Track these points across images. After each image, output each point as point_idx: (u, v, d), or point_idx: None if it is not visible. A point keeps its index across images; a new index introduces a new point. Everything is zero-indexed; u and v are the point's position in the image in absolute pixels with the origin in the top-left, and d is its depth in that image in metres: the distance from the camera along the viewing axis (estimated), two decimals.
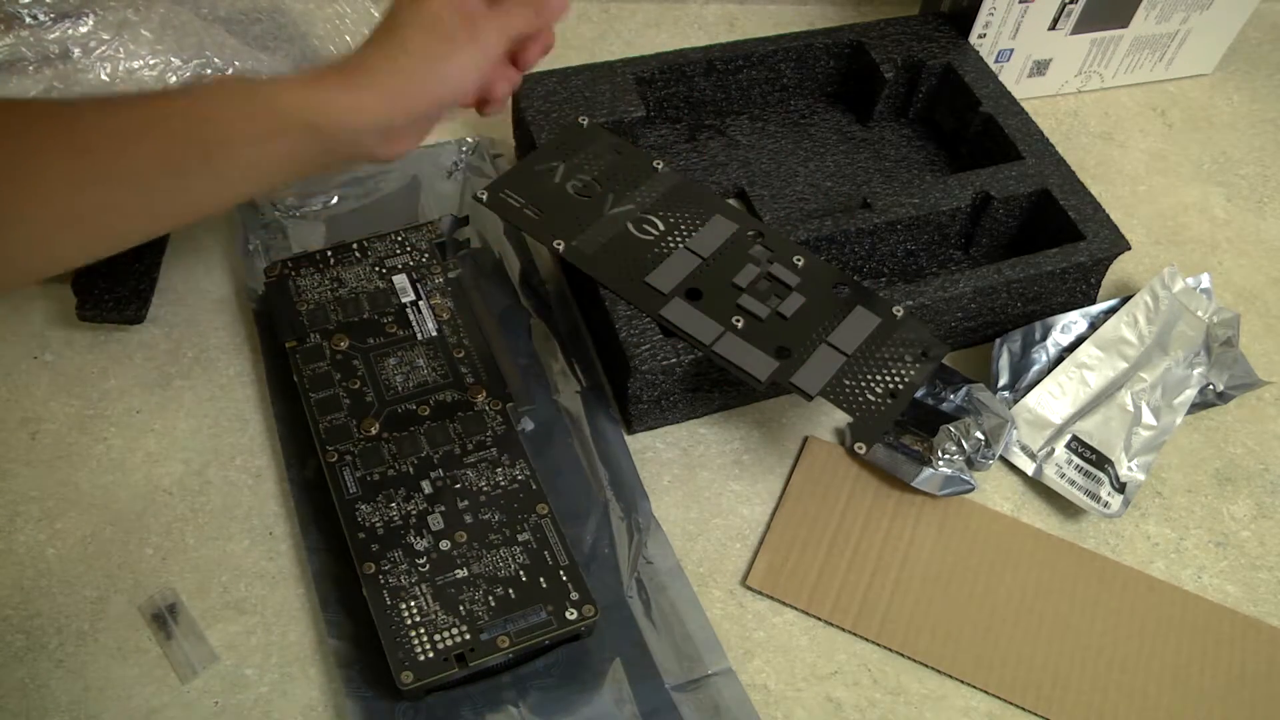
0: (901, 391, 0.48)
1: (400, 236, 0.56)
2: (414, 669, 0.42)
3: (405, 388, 0.50)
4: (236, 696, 0.44)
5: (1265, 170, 0.69)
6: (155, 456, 0.51)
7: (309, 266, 0.55)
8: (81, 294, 0.54)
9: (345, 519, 0.46)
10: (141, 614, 0.46)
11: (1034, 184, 0.57)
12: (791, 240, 0.52)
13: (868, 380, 0.48)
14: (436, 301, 0.54)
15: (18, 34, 0.56)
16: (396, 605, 0.44)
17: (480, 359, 0.52)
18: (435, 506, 0.47)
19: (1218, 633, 0.49)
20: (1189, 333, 0.56)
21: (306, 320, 0.53)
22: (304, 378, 0.50)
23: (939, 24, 0.66)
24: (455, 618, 0.43)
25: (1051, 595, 0.49)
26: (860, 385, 0.47)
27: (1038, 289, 0.55)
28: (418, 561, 0.45)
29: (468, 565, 0.45)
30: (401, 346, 0.52)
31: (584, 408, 0.53)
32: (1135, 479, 0.52)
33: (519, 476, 0.48)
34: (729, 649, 0.46)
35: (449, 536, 0.46)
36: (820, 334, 0.48)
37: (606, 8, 0.75)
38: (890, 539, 0.50)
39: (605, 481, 0.50)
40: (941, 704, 0.46)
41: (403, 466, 0.48)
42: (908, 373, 0.48)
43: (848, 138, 0.66)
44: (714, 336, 0.48)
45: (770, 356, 0.47)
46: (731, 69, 0.64)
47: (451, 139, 0.64)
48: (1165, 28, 0.70)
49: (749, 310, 0.49)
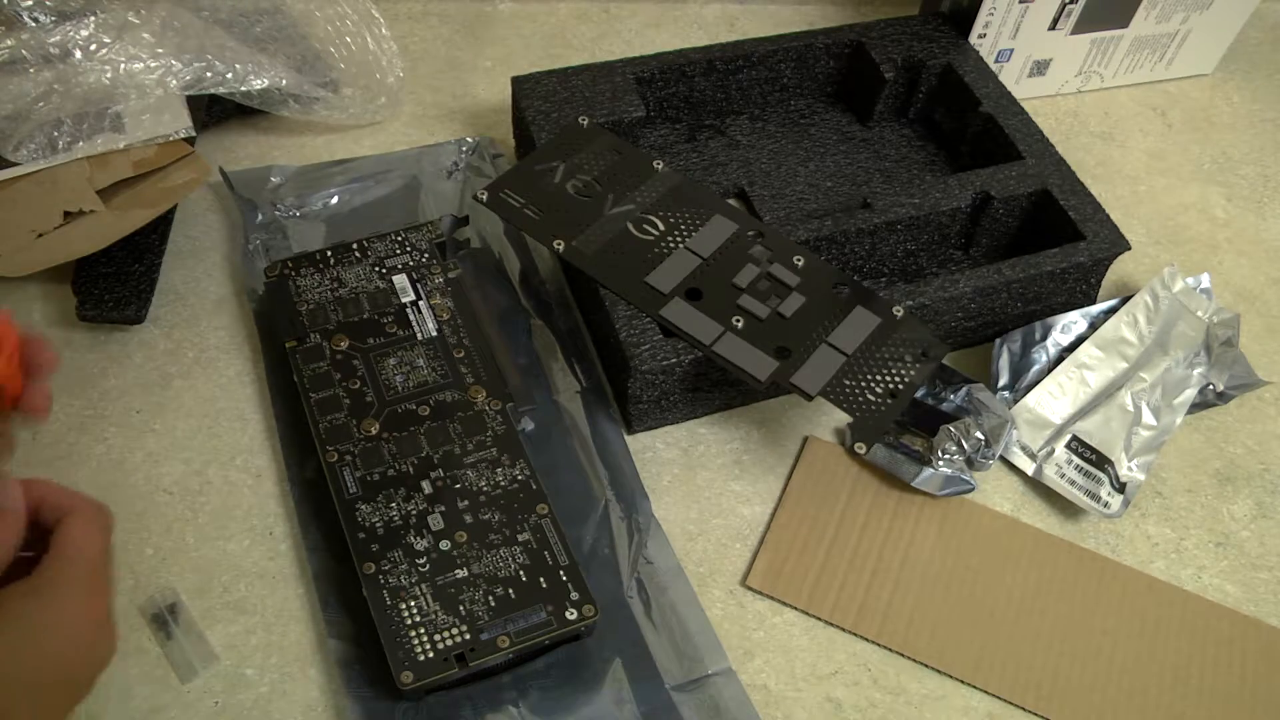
0: (901, 391, 0.48)
1: (400, 236, 0.56)
2: (414, 669, 0.42)
3: (405, 388, 0.50)
4: (236, 696, 0.44)
5: (1265, 170, 0.69)
6: (155, 456, 0.51)
7: (309, 266, 0.55)
8: (81, 294, 0.54)
9: (345, 519, 0.46)
10: (141, 614, 0.46)
11: (1034, 184, 0.57)
12: (791, 240, 0.52)
13: (868, 380, 0.48)
14: (436, 301, 0.54)
15: (19, 36, 0.56)
16: (396, 605, 0.44)
17: (480, 359, 0.52)
18: (435, 506, 0.47)
19: (1218, 633, 0.49)
20: (1189, 333, 0.56)
21: (306, 320, 0.53)
22: (304, 378, 0.50)
23: (939, 24, 0.66)
24: (455, 618, 0.43)
25: (1051, 595, 0.49)
26: (860, 385, 0.47)
27: (1038, 289, 0.55)
28: (418, 561, 0.45)
29: (468, 565, 0.45)
30: (401, 346, 0.52)
31: (584, 408, 0.53)
32: (1135, 479, 0.52)
33: (519, 476, 0.48)
34: (729, 649, 0.46)
35: (449, 536, 0.46)
36: (820, 334, 0.48)
37: (606, 8, 0.75)
38: (890, 539, 0.50)
39: (605, 481, 0.50)
40: (941, 704, 0.46)
41: (403, 466, 0.48)
42: (908, 373, 0.48)
43: (848, 138, 0.66)
44: (714, 337, 0.48)
45: (770, 356, 0.47)
46: (731, 69, 0.64)
47: (451, 139, 0.64)
48: (1165, 28, 0.70)
49: (749, 310, 0.49)
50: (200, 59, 0.58)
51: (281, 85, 0.60)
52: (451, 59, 0.70)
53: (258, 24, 0.62)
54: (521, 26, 0.73)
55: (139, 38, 0.57)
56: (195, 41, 0.59)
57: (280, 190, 0.60)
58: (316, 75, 0.63)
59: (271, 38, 0.62)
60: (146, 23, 0.58)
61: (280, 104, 0.62)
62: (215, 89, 0.59)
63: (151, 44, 0.57)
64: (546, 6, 0.74)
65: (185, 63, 0.58)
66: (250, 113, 0.63)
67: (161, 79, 0.57)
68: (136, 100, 0.56)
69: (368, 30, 0.64)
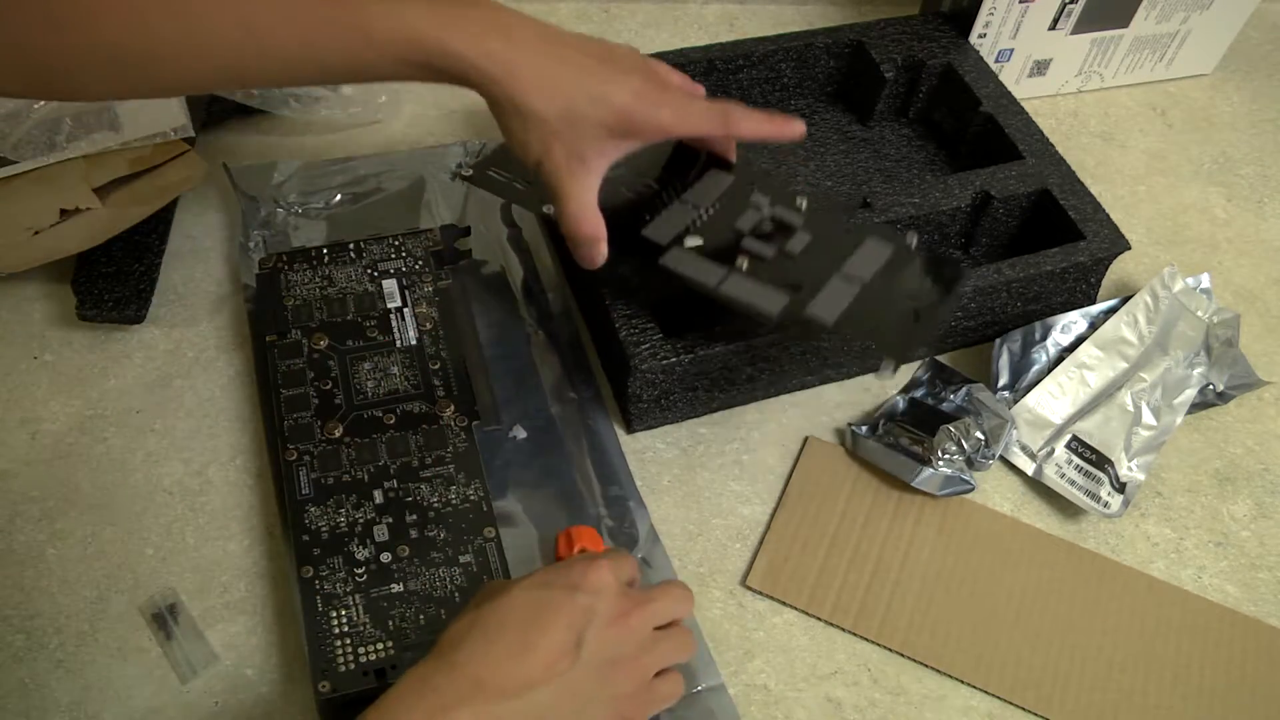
0: (925, 313, 0.44)
1: (398, 241, 0.56)
2: (332, 679, 0.42)
3: (375, 394, 0.50)
4: (236, 696, 0.44)
5: (1265, 170, 0.69)
6: (155, 456, 0.51)
7: (303, 262, 0.54)
8: (81, 294, 0.54)
9: (293, 520, 0.46)
10: (141, 614, 0.46)
11: (1034, 184, 0.57)
12: (791, 188, 0.49)
13: (887, 308, 0.45)
14: (422, 310, 0.53)
15: None
16: (327, 612, 0.43)
17: (455, 373, 0.51)
18: (383, 517, 0.46)
19: (1218, 633, 0.49)
20: (1189, 333, 0.56)
21: (290, 315, 0.52)
22: (277, 373, 0.50)
23: (939, 24, 0.66)
24: (383, 632, 0.43)
25: (1051, 595, 0.49)
26: (880, 312, 0.45)
27: (1038, 289, 0.55)
28: (356, 571, 0.44)
29: (405, 581, 0.44)
30: (379, 352, 0.51)
31: (581, 418, 0.52)
32: (1135, 479, 0.52)
33: (472, 496, 0.47)
34: (729, 649, 0.46)
35: (391, 549, 0.45)
36: (831, 267, 0.46)
37: (606, 8, 0.75)
38: (890, 539, 0.50)
39: (599, 494, 0.50)
40: (941, 704, 0.46)
41: (358, 473, 0.47)
42: (929, 297, 0.45)
43: (848, 138, 0.66)
44: (719, 279, 0.45)
45: (780, 293, 0.44)
46: (731, 69, 0.64)
47: (453, 140, 0.64)
48: (1165, 28, 0.70)
49: (754, 252, 0.46)
50: None
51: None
52: None
53: None
54: None
55: None
56: None
57: (283, 187, 0.60)
58: None
59: None
60: None
61: (281, 103, 0.62)
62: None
63: None
64: (546, 6, 0.74)
65: None
66: (250, 112, 0.63)
67: None
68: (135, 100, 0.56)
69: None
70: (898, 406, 0.54)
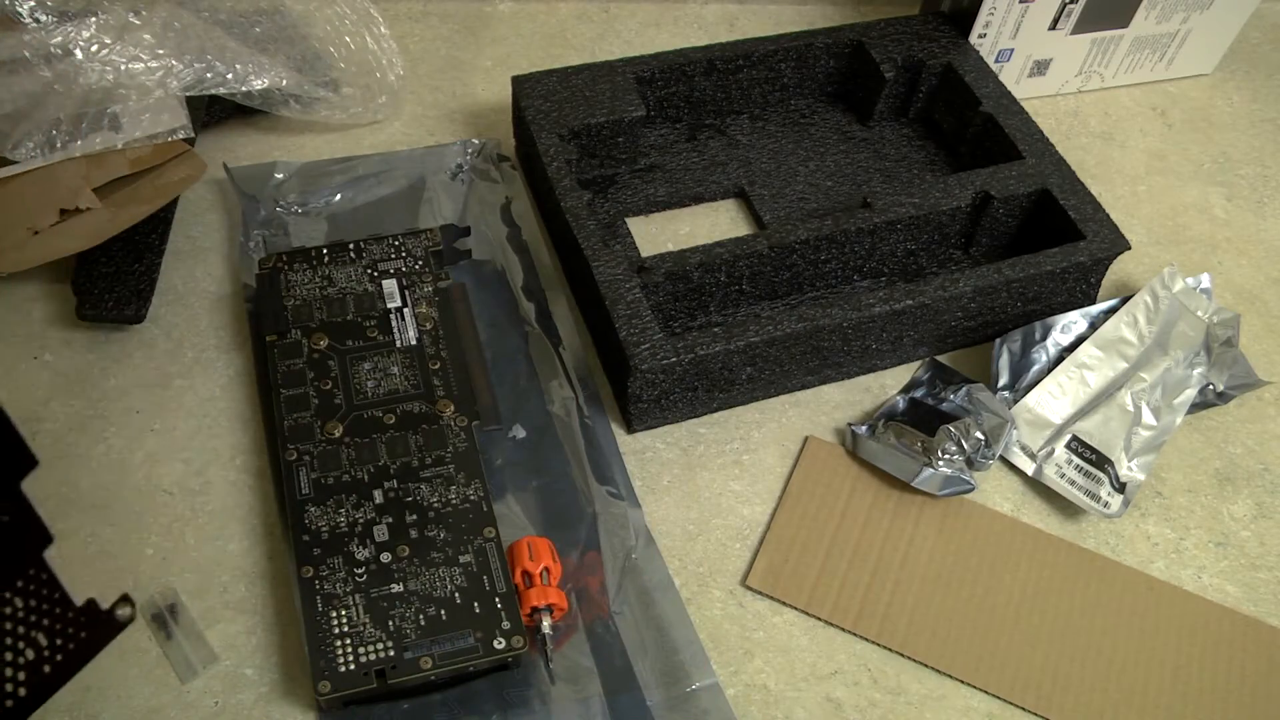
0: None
1: (398, 241, 0.56)
2: (332, 679, 0.41)
3: (375, 394, 0.50)
4: (236, 696, 0.44)
5: (1265, 170, 0.69)
6: (155, 456, 0.51)
7: (302, 262, 0.54)
8: (81, 294, 0.54)
9: (293, 520, 0.46)
10: (141, 614, 0.46)
11: (1034, 184, 0.57)
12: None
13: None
14: (422, 310, 0.53)
15: (19, 36, 0.56)
16: (327, 613, 0.43)
17: (455, 373, 0.51)
18: (383, 517, 0.46)
19: (1218, 633, 0.49)
20: (1189, 333, 0.56)
21: (290, 315, 0.52)
22: (278, 373, 0.50)
23: (939, 24, 0.66)
24: (383, 632, 0.43)
25: (1051, 595, 0.49)
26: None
27: (1038, 289, 0.55)
28: (356, 571, 0.44)
29: (405, 581, 0.44)
30: (379, 352, 0.51)
31: (579, 418, 0.52)
32: (1135, 479, 0.52)
33: (472, 496, 0.47)
34: (729, 649, 0.46)
35: (391, 549, 0.45)
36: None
37: (606, 8, 0.75)
38: (890, 539, 0.50)
39: (595, 494, 0.50)
40: (941, 704, 0.46)
41: (358, 473, 0.47)
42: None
43: (848, 137, 0.66)
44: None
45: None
46: (731, 69, 0.64)
47: (453, 139, 0.64)
48: (1165, 28, 0.70)
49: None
50: (201, 59, 0.58)
51: (282, 85, 0.60)
52: (451, 59, 0.70)
53: (258, 24, 0.62)
54: (521, 26, 0.73)
55: (139, 38, 0.57)
56: (196, 42, 0.59)
57: (284, 186, 0.60)
58: (317, 75, 0.63)
59: (271, 38, 0.62)
60: (147, 24, 0.58)
61: (281, 104, 0.62)
62: (216, 89, 0.59)
63: (152, 45, 0.57)
64: (546, 6, 0.74)
65: (186, 63, 0.58)
66: (250, 112, 0.63)
67: (162, 80, 0.57)
68: (136, 101, 0.56)
69: (367, 30, 0.64)
70: (898, 406, 0.54)
